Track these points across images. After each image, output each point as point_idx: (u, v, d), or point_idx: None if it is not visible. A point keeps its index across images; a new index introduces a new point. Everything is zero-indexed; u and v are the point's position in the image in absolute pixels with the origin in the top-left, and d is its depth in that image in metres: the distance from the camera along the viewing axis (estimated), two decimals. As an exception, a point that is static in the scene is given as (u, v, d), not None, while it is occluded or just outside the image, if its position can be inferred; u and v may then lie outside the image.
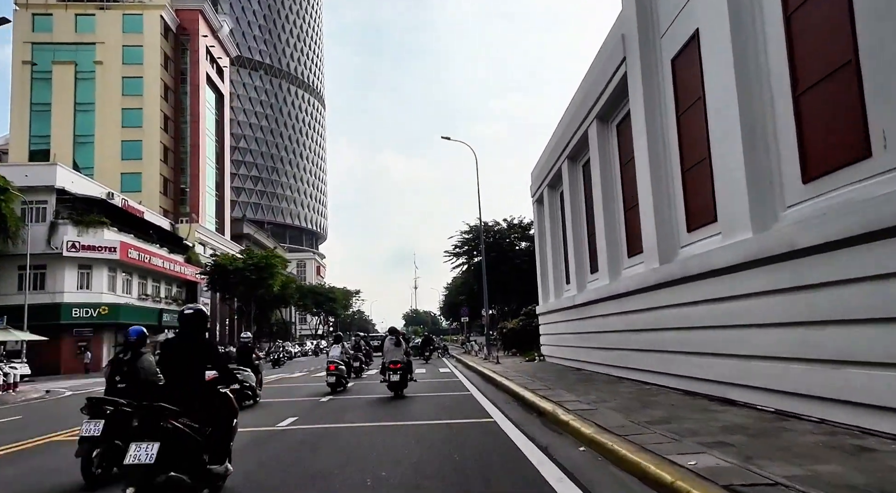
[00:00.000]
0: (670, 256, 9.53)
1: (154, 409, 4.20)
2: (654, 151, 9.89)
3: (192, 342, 4.79)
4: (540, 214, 20.67)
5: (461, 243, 44.63)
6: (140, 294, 41.99)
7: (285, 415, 9.52)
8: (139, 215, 45.07)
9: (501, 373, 15.28)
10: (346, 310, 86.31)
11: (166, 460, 4.07)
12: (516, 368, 17.46)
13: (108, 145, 53.24)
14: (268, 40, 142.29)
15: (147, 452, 4.02)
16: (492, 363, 20.56)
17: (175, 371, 4.72)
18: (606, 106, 12.44)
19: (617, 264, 12.49)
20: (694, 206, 8.95)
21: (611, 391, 9.81)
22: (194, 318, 4.90)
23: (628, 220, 11.95)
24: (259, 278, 40.30)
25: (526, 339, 27.44)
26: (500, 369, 16.76)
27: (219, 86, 66.80)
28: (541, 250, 20.81)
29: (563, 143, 15.85)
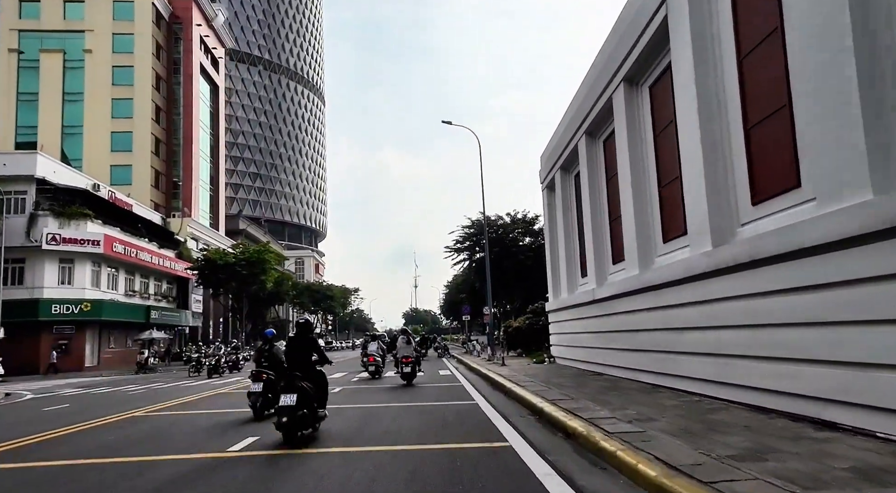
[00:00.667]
0: (726, 235, 7.64)
1: (293, 375, 7.26)
2: (705, 108, 8.00)
3: (305, 339, 7.68)
4: (551, 201, 18.78)
5: (462, 239, 42.69)
6: (127, 290, 40.12)
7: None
8: (127, 209, 43.21)
9: (509, 377, 13.40)
10: (344, 308, 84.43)
11: (299, 404, 6.98)
12: (525, 371, 15.58)
13: (97, 137, 51.41)
14: (267, 35, 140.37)
15: (291, 399, 6.94)
16: (496, 365, 18.68)
17: (296, 355, 7.57)
18: (637, 64, 10.54)
19: (649, 250, 10.59)
20: (763, 168, 7.04)
21: (652, 405, 7.91)
22: (306, 324, 7.94)
23: (664, 197, 10.05)
24: (251, 274, 38.36)
25: (532, 338, 25.56)
26: (507, 373, 14.88)
27: (213, 77, 64.90)
28: (552, 241, 18.91)
29: (581, 116, 13.96)
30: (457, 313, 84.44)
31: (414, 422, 8.47)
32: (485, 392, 12.10)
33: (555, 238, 18.55)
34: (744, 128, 7.39)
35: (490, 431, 7.34)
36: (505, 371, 15.71)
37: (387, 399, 11.74)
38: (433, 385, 14.49)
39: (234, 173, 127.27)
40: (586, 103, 13.44)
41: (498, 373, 15.15)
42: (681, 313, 8.75)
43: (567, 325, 16.55)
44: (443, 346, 35.10)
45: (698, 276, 8.03)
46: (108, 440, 8.06)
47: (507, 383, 11.95)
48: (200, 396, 14.26)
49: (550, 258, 18.85)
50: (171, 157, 56.52)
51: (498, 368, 17.52)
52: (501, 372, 15.46)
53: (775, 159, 6.78)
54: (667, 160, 9.81)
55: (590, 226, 13.89)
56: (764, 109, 6.98)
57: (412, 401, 11.22)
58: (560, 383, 11.71)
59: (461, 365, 23.50)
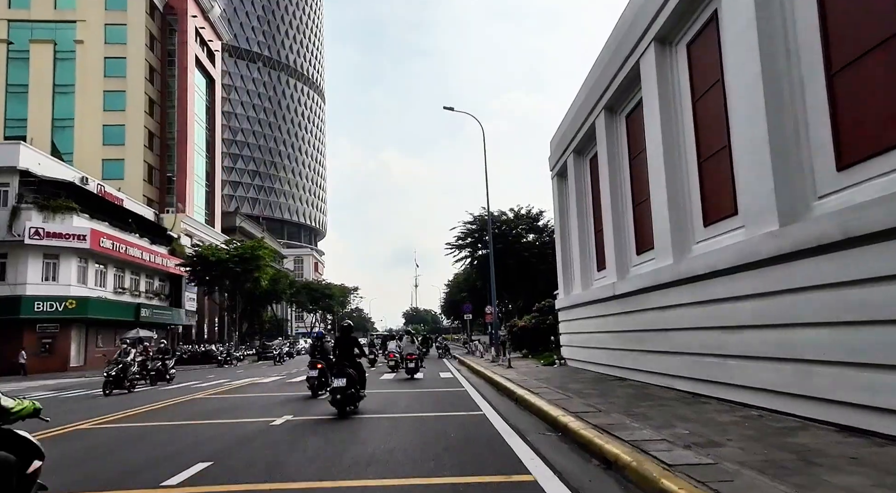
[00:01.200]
0: (798, 212, 6.14)
1: (342, 364, 9.60)
2: (768, 58, 6.49)
3: (348, 338, 10.19)
4: (562, 189, 17.27)
5: (464, 235, 41.17)
6: (116, 287, 38.66)
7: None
8: (118, 203, 41.73)
9: (519, 382, 11.90)
10: (343, 307, 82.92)
11: (347, 385, 9.23)
12: (535, 374, 14.08)
13: (88, 130, 49.98)
14: (266, 32, 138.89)
15: (341, 381, 9.19)
16: (502, 367, 17.19)
17: (343, 350, 9.98)
18: (672, 20, 9.03)
19: (685, 236, 9.09)
20: (856, 119, 5.52)
21: (705, 421, 6.39)
22: (349, 328, 10.63)
23: (707, 172, 8.54)
24: (244, 271, 36.83)
25: (539, 339, 24.07)
26: (515, 377, 13.38)
27: (209, 70, 63.47)
28: (563, 233, 17.40)
29: (601, 89, 12.44)
30: (458, 313, 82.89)
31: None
32: (492, 400, 10.60)
33: (566, 229, 17.04)
34: (826, 75, 5.88)
35: (506, 456, 5.82)
36: (512, 374, 14.21)
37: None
38: (433, 390, 12.99)
39: (232, 171, 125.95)
40: (607, 72, 11.92)
41: (505, 376, 13.65)
42: (733, 309, 7.24)
43: (581, 324, 15.05)
44: (444, 346, 33.62)
45: (761, 262, 6.52)
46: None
47: (518, 390, 10.44)
48: (164, 404, 12.79)
49: (561, 251, 17.34)
50: (166, 151, 55.07)
51: (504, 370, 16.02)
52: (508, 375, 13.96)
53: (870, 107, 5.28)
54: (710, 128, 8.31)
55: (609, 212, 12.37)
56: (850, 48, 5.47)
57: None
58: (579, 389, 10.20)
59: (463, 366, 22.02)
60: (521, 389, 10.62)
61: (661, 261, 9.61)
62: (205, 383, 18.00)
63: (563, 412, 7.40)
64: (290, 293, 55.89)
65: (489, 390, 12.38)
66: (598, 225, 14.00)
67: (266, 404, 11.62)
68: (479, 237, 41.12)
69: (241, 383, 17.51)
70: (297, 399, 12.25)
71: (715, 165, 8.22)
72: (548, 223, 41.29)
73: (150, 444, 7.36)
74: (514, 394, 10.41)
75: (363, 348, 10.37)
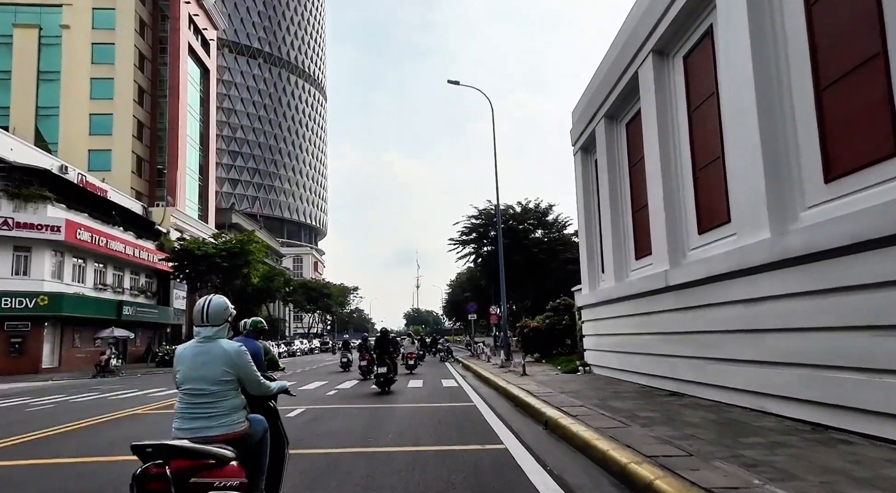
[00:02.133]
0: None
1: (383, 357, 13.34)
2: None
3: (386, 338, 14.21)
4: (586, 165, 14.70)
5: (469, 229, 38.57)
6: (97, 283, 36.15)
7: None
8: (101, 194, 39.29)
9: (544, 396, 9.34)
10: (342, 307, 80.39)
11: (388, 371, 13.07)
12: (559, 385, 11.52)
13: (74, 119, 47.59)
14: (267, 27, 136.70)
15: (384, 369, 13.08)
16: (515, 375, 14.62)
17: (382, 347, 13.80)
18: None
19: (787, 201, 6.50)
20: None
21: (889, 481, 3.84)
22: (386, 331, 14.88)
23: (834, 110, 5.95)
24: (232, 266, 34.24)
25: (553, 341, 21.49)
26: (536, 389, 10.81)
27: (204, 60, 61.01)
28: (587, 217, 14.78)
29: (647, 29, 9.84)
30: (460, 314, 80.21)
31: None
32: (513, 421, 8.03)
33: (591, 211, 14.45)
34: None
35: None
36: (531, 385, 11.63)
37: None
38: (434, 406, 10.41)
39: (231, 168, 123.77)
40: (657, 7, 9.34)
41: (521, 387, 11.08)
42: (884, 300, 4.66)
43: (612, 324, 12.47)
44: (446, 348, 31.00)
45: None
46: None
47: (547, 410, 7.86)
48: (100, 419, 10.23)
49: (586, 239, 14.73)
50: (156, 143, 52.68)
51: (518, 378, 13.45)
52: (526, 386, 11.39)
53: None
54: (834, 48, 5.73)
55: (658, 182, 9.78)
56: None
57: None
58: (630, 410, 7.61)
59: (468, 372, 19.44)
60: (549, 407, 8.05)
61: (744, 238, 7.02)
62: (165, 391, 15.45)
63: (635, 456, 4.82)
64: (285, 292, 53.27)
65: (504, 406, 9.81)
66: (638, 202, 11.42)
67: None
68: (485, 233, 38.54)
69: None
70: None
71: (856, 91, 5.64)
72: (558, 217, 38.76)
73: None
74: (541, 414, 7.83)
75: (397, 347, 15.93)
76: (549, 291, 39.26)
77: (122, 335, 30.79)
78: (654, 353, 9.99)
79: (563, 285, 37.36)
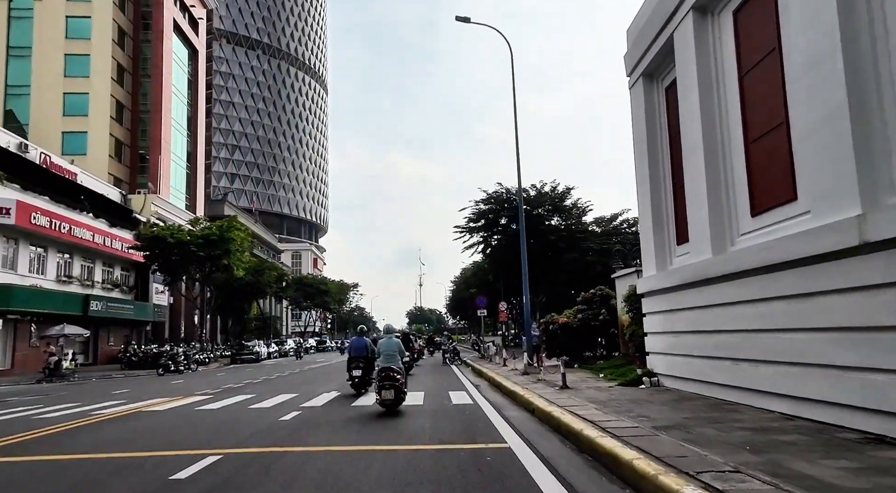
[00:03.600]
0: None
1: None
2: None
3: (406, 337, 20.08)
4: (650, 95, 10.61)
5: (476, 215, 34.41)
6: (61, 275, 32.28)
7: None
8: (69, 177, 35.42)
9: (630, 437, 5.32)
10: (341, 305, 76.38)
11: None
12: (630, 407, 7.50)
13: (46, 98, 43.70)
14: (266, 18, 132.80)
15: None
16: (548, 386, 10.60)
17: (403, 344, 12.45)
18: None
19: None
20: None
21: None
22: (402, 334, 20.12)
23: None
24: (209, 256, 30.22)
25: (586, 341, 17.42)
26: (596, 415, 6.78)
27: (192, 39, 57.06)
28: (651, 165, 10.64)
29: None
30: (464, 312, 76.09)
31: None
32: (589, 489, 4.05)
33: (659, 158, 10.37)
34: None
35: None
36: (588, 408, 7.61)
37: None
38: (440, 452, 6.34)
39: (229, 162, 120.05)
40: None
41: (575, 413, 7.07)
42: None
43: (705, 316, 8.41)
44: (451, 349, 26.91)
45: None
46: None
47: (671, 478, 3.84)
48: None
49: (650, 196, 10.57)
50: (138, 126, 48.79)
51: (558, 394, 9.43)
52: (580, 409, 7.38)
53: None
54: None
55: (802, 98, 5.70)
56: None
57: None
58: (801, 472, 3.59)
59: (482, 379, 15.40)
60: (669, 471, 4.02)
61: None
62: (111, 405, 11.44)
63: None
64: (276, 287, 49.26)
65: (558, 449, 5.81)
66: (756, 126, 7.33)
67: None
68: (495, 219, 34.44)
69: (113, 411, 10.80)
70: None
71: None
72: (577, 202, 34.54)
73: None
74: (658, 489, 3.79)
75: (412, 349, 19.86)
76: (562, 284, 35.27)
77: (75, 333, 26.83)
78: (820, 363, 5.91)
79: (580, 278, 33.40)
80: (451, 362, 25.73)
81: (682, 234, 9.63)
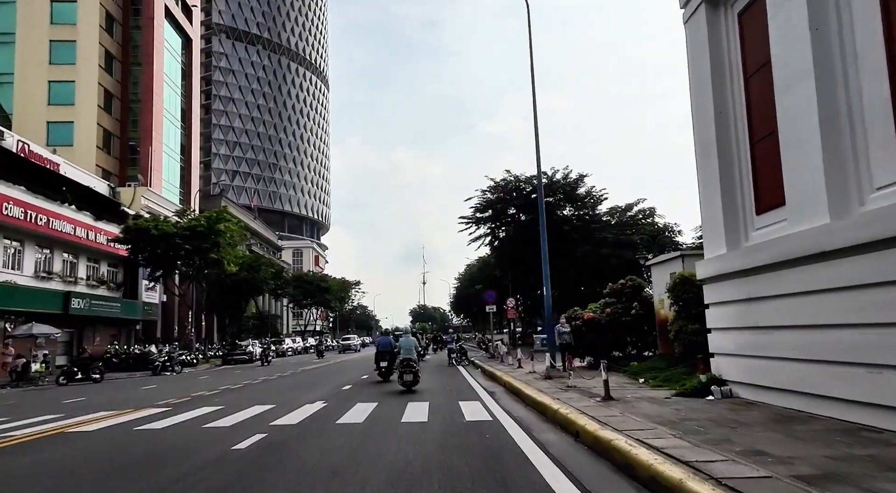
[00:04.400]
0: None
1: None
2: None
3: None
4: (713, 26, 8.31)
5: (483, 205, 32.15)
6: (39, 271, 30.17)
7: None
8: (52, 168, 33.33)
9: None
10: (342, 303, 74.19)
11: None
12: (716, 432, 5.26)
13: (30, 86, 41.63)
14: (266, 13, 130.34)
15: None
16: (589, 398, 8.38)
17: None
18: None
19: None
20: None
21: None
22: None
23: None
24: (197, 249, 28.01)
25: (616, 340, 15.15)
26: (697, 455, 4.55)
27: (186, 28, 54.89)
28: (719, 118, 8.34)
29: None
30: (468, 309, 73.74)
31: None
32: None
33: (728, 106, 8.08)
34: None
35: None
36: (664, 437, 5.38)
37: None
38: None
39: (230, 159, 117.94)
40: None
41: (645, 441, 4.85)
42: None
43: (805, 306, 6.15)
44: (458, 348, 24.66)
45: None
46: None
47: None
48: None
49: (718, 154, 8.26)
50: (128, 116, 46.67)
51: (601, 408, 7.20)
52: (657, 440, 5.16)
53: None
54: None
55: None
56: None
57: None
58: None
59: (496, 385, 13.13)
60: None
61: None
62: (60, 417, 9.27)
63: None
64: (274, 284, 47.08)
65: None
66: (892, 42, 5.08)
67: None
68: (503, 209, 32.18)
69: (30, 433, 8.46)
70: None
71: None
72: (591, 190, 32.22)
73: None
74: None
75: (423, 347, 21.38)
76: (570, 281, 32.98)
77: (45, 333, 24.67)
78: None
79: (594, 272, 31.16)
80: (458, 362, 23.50)
81: (767, 199, 7.35)
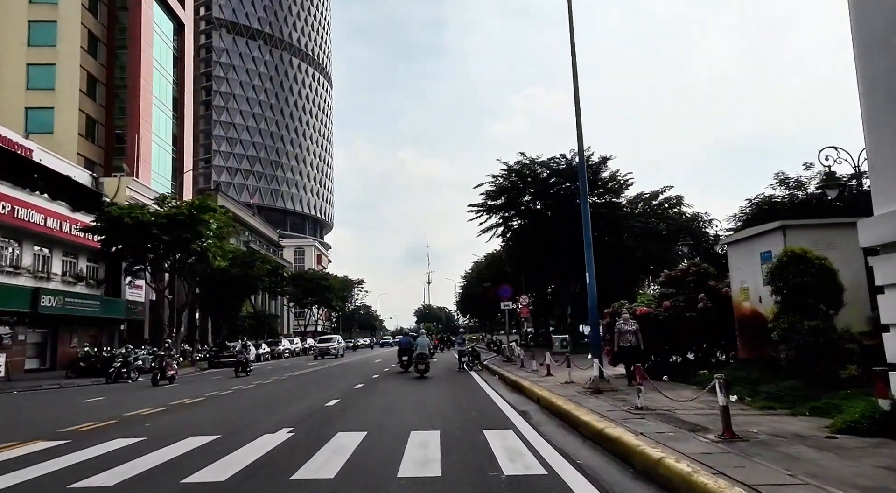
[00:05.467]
0: None
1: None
2: None
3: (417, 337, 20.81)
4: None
5: (495, 192, 28.96)
6: (5, 265, 27.27)
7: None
8: (24, 154, 30.39)
9: None
10: (343, 302, 71.15)
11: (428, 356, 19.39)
12: None
13: (8, 69, 38.84)
14: (268, 7, 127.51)
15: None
16: (695, 436, 5.22)
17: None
18: None
19: None
20: None
21: None
22: (418, 334, 20.11)
23: None
24: (176, 240, 24.98)
25: (678, 340, 11.94)
26: None
27: (178, 12, 52.03)
28: None
29: None
30: (475, 309, 70.53)
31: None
32: None
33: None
34: None
35: None
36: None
37: None
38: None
39: (230, 156, 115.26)
40: None
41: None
42: None
43: None
44: (470, 351, 21.48)
45: None
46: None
47: None
48: None
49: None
50: (114, 102, 43.84)
51: (745, 462, 4.15)
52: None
53: None
54: None
55: None
56: None
57: None
58: None
59: (524, 397, 9.98)
60: None
61: None
62: None
63: None
64: (270, 281, 44.07)
65: None
66: None
67: None
68: (517, 197, 29.05)
69: None
70: None
71: None
72: (615, 175, 29.01)
73: None
74: None
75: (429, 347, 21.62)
76: (604, 273, 29.71)
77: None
78: None
79: (618, 265, 27.97)
80: (469, 367, 20.39)
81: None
